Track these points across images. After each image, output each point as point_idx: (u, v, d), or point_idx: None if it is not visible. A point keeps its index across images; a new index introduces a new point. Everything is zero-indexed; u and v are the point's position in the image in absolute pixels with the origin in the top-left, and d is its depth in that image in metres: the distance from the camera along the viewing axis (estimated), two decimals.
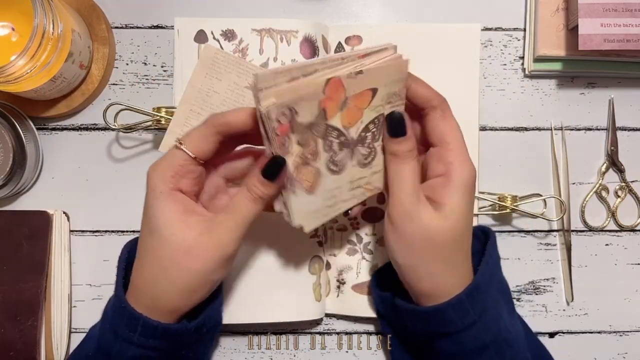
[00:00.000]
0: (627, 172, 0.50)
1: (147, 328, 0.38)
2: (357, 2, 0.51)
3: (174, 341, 0.39)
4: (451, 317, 0.38)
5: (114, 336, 0.38)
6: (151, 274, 0.38)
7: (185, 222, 0.37)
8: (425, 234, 0.37)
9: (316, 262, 0.48)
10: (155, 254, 0.37)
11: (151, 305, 0.38)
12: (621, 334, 0.50)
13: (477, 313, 0.38)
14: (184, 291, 0.38)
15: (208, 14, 0.50)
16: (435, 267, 0.38)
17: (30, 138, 0.48)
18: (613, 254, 0.51)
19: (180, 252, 0.36)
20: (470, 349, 0.38)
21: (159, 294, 0.38)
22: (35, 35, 0.40)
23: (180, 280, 0.37)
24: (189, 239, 0.36)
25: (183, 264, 0.37)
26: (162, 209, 0.37)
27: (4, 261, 0.47)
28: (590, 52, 0.47)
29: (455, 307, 0.38)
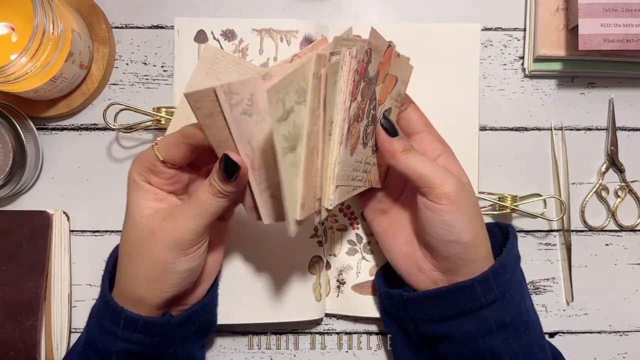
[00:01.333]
0: (627, 172, 0.50)
1: (129, 321, 0.38)
2: (357, 2, 0.51)
3: (157, 335, 0.39)
4: (477, 292, 0.38)
5: (100, 330, 0.39)
6: (122, 261, 0.39)
7: (153, 208, 0.38)
8: (472, 198, 0.39)
9: (316, 262, 0.48)
10: (127, 239, 0.39)
11: (127, 297, 0.39)
12: (621, 334, 0.50)
13: (500, 291, 0.39)
14: (147, 280, 0.38)
15: (208, 14, 0.50)
16: (483, 229, 0.40)
17: (30, 138, 0.48)
18: (613, 254, 0.51)
19: (145, 236, 0.38)
20: (489, 328, 0.39)
21: (128, 283, 0.39)
22: (35, 35, 0.40)
23: (143, 266, 0.38)
24: (153, 223, 0.38)
25: (145, 248, 0.38)
26: (134, 195, 0.39)
27: (4, 261, 0.47)
28: (590, 52, 0.47)
29: (481, 283, 0.38)
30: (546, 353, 0.41)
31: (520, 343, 0.39)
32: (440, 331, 0.40)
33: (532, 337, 0.40)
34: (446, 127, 0.48)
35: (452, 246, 0.38)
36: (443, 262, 0.40)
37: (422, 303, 0.41)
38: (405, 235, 0.43)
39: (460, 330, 0.39)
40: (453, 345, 0.40)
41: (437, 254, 0.40)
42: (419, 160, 0.38)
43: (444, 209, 0.38)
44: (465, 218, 0.38)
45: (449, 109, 0.48)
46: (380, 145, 0.39)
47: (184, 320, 0.41)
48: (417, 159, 0.38)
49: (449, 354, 0.41)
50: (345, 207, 0.49)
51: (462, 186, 0.38)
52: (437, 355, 0.42)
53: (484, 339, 0.39)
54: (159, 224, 0.37)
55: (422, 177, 0.38)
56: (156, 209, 0.38)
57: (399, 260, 0.43)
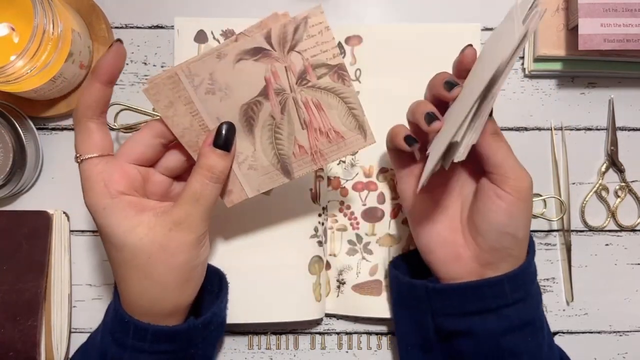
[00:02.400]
0: (627, 172, 0.50)
1: (157, 335, 0.38)
2: (357, 2, 0.51)
3: (183, 341, 0.39)
4: (505, 290, 0.38)
5: (120, 349, 0.38)
6: (138, 285, 0.37)
7: (143, 223, 0.36)
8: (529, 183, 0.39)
9: (316, 262, 0.48)
10: (133, 265, 0.37)
11: (151, 314, 0.38)
12: (621, 334, 0.50)
13: (525, 291, 0.39)
14: (176, 287, 0.38)
15: (208, 14, 0.50)
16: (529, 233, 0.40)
17: (30, 138, 0.48)
18: (613, 254, 0.51)
19: (156, 254, 0.36)
20: (511, 326, 0.39)
21: (154, 300, 0.38)
22: (35, 35, 0.40)
23: (168, 279, 0.37)
24: (159, 238, 0.36)
25: (164, 263, 0.37)
26: (115, 223, 0.36)
27: (3, 261, 0.47)
28: (590, 52, 0.47)
29: (510, 280, 0.38)
30: (555, 353, 0.42)
31: (536, 342, 0.39)
32: (461, 326, 0.40)
33: (546, 337, 0.41)
34: None
35: (506, 239, 0.38)
36: (487, 254, 0.39)
37: (448, 295, 0.40)
38: (448, 220, 0.42)
39: (482, 327, 0.39)
40: (472, 342, 0.40)
41: (486, 244, 0.39)
42: (505, 147, 0.38)
43: (514, 201, 0.37)
44: (527, 216, 0.39)
45: None
46: None
47: (207, 322, 0.41)
48: (504, 146, 0.38)
49: (467, 350, 0.40)
50: (345, 207, 0.49)
51: (532, 186, 0.39)
52: (452, 352, 0.42)
53: (505, 336, 0.39)
54: (167, 236, 0.36)
55: (504, 164, 0.38)
56: (147, 223, 0.36)
57: (437, 245, 0.41)
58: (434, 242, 0.42)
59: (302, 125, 0.39)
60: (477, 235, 0.40)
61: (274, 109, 0.38)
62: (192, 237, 0.37)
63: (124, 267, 0.37)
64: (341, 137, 0.39)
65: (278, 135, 0.39)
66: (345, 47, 0.49)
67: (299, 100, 0.38)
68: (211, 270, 0.45)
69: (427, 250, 0.42)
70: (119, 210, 0.36)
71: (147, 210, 0.37)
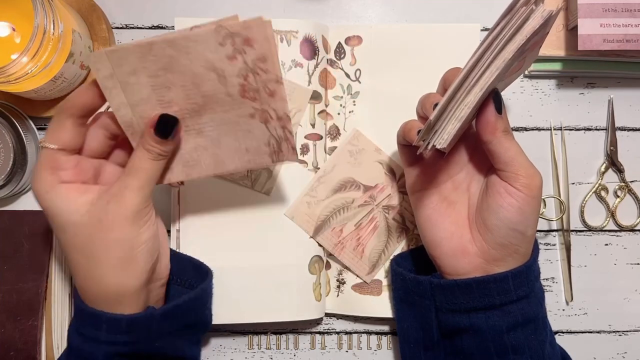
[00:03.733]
0: (627, 172, 0.50)
1: (111, 323, 0.38)
2: (357, 2, 0.51)
3: (142, 331, 0.39)
4: (509, 286, 0.39)
5: (81, 339, 0.38)
6: (83, 267, 0.38)
7: (86, 202, 0.37)
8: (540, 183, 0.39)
9: (316, 262, 0.48)
10: (76, 245, 0.38)
11: (101, 298, 0.38)
12: (620, 334, 0.50)
13: (530, 287, 0.39)
14: (117, 266, 0.38)
15: (208, 14, 0.50)
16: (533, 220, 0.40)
17: (31, 138, 0.48)
18: (612, 253, 0.51)
19: (95, 229, 0.37)
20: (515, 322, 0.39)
21: (97, 282, 0.38)
22: (35, 36, 0.40)
23: (107, 256, 0.37)
24: (98, 212, 0.37)
25: (101, 240, 0.37)
26: (58, 204, 0.37)
27: (4, 261, 0.48)
28: (589, 52, 0.47)
29: (515, 277, 0.39)
30: (557, 351, 0.42)
31: (539, 339, 0.40)
32: (465, 323, 0.40)
33: (549, 335, 0.41)
34: None
35: (514, 235, 0.38)
36: (494, 250, 0.39)
37: (452, 291, 0.40)
38: (455, 215, 0.42)
39: (486, 323, 0.39)
40: (476, 338, 0.40)
41: (494, 240, 0.39)
42: (515, 145, 0.38)
43: (524, 199, 0.38)
44: (536, 214, 0.39)
45: None
46: (485, 118, 0.38)
47: (167, 313, 0.40)
48: (515, 144, 0.38)
49: (470, 347, 0.40)
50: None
51: (542, 184, 0.39)
52: (454, 349, 0.42)
53: (509, 333, 0.39)
54: (104, 209, 0.37)
55: (515, 162, 0.38)
56: (89, 201, 0.37)
57: (444, 239, 0.41)
58: (440, 236, 0.42)
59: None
60: (485, 232, 0.40)
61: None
62: (127, 211, 0.37)
63: (70, 249, 0.38)
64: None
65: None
66: (345, 47, 0.49)
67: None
68: (184, 261, 0.45)
69: (434, 245, 0.42)
70: (63, 194, 0.37)
71: (92, 191, 0.38)
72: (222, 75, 0.37)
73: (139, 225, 0.38)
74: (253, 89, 0.37)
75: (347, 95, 0.49)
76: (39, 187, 0.38)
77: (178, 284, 0.45)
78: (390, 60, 0.49)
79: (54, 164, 0.38)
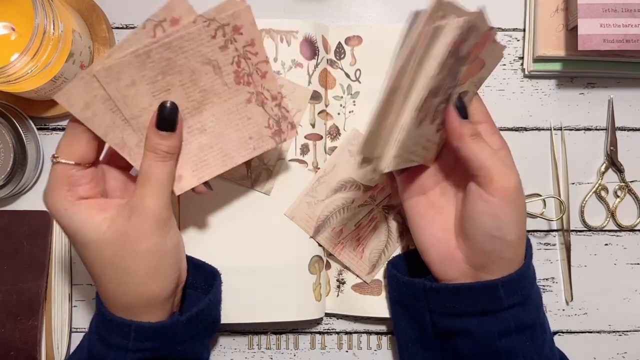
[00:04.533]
0: (627, 172, 0.51)
1: (140, 332, 0.38)
2: (357, 2, 0.51)
3: (168, 337, 0.39)
4: (500, 294, 0.38)
5: (105, 346, 0.38)
6: (111, 280, 0.38)
7: (106, 219, 0.37)
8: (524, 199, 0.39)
9: (316, 262, 0.48)
10: (101, 260, 0.37)
11: (130, 309, 0.38)
12: (620, 334, 0.50)
13: (524, 294, 0.39)
14: (146, 276, 0.38)
15: None
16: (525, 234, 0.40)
17: (31, 138, 0.48)
18: (612, 253, 0.51)
19: (120, 243, 0.36)
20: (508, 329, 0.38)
21: (128, 293, 0.38)
22: (35, 36, 0.40)
23: (137, 268, 0.37)
24: (120, 227, 0.37)
25: (129, 252, 0.37)
26: (77, 222, 0.36)
27: (4, 261, 0.48)
28: (589, 53, 0.47)
29: (505, 285, 0.38)
30: (555, 355, 0.42)
31: (535, 345, 0.39)
32: (457, 326, 0.40)
33: (546, 340, 0.40)
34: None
35: (494, 242, 0.38)
36: (478, 256, 0.39)
37: (444, 295, 0.40)
38: (443, 221, 0.41)
39: (478, 328, 0.39)
40: (469, 342, 0.40)
41: (475, 247, 0.39)
42: (484, 148, 0.37)
43: (499, 203, 0.37)
44: (516, 217, 0.38)
45: None
46: (449, 125, 0.38)
47: (192, 318, 0.41)
48: (484, 147, 0.37)
49: (464, 350, 0.40)
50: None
51: (519, 185, 0.38)
52: (449, 350, 0.42)
53: (502, 339, 0.38)
54: (127, 223, 0.36)
55: (485, 167, 0.37)
56: (109, 217, 0.37)
57: (432, 245, 0.42)
58: (428, 242, 0.42)
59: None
60: (466, 238, 0.40)
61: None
62: (150, 222, 0.37)
63: (94, 264, 0.38)
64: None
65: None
66: (345, 47, 0.49)
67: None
68: (197, 265, 0.45)
69: (423, 251, 0.42)
70: (83, 211, 0.37)
71: (111, 207, 0.38)
72: (217, 66, 0.38)
73: (164, 234, 0.38)
74: (246, 73, 0.39)
75: (347, 95, 0.49)
76: (57, 205, 0.37)
77: (189, 286, 0.45)
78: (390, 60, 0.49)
79: (70, 180, 0.37)
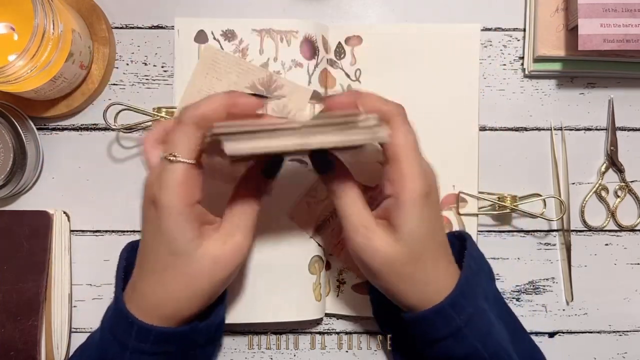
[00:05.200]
0: (627, 172, 0.50)
1: (159, 336, 0.38)
2: (357, 2, 0.51)
3: (186, 342, 0.39)
4: (435, 324, 0.38)
5: (121, 347, 0.38)
6: (173, 292, 0.37)
7: (206, 236, 0.37)
8: (383, 260, 0.37)
9: (316, 262, 0.48)
10: (182, 273, 0.37)
11: (162, 317, 0.38)
12: (621, 334, 0.50)
13: (463, 319, 0.38)
14: (210, 298, 0.39)
15: (208, 14, 0.50)
16: (404, 286, 0.38)
17: (31, 138, 0.48)
18: (613, 253, 0.51)
19: (208, 265, 0.36)
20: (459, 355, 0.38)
21: (179, 308, 0.38)
22: (35, 35, 0.40)
23: (210, 291, 0.38)
24: (215, 251, 0.37)
25: (211, 275, 0.37)
26: (182, 229, 0.35)
27: (4, 261, 0.48)
28: (589, 53, 0.47)
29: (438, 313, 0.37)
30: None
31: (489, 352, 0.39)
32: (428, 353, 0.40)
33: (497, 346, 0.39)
34: (446, 127, 0.48)
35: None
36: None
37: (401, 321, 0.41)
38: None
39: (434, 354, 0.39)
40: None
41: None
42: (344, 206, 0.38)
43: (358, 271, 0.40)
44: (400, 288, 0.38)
45: (449, 109, 0.49)
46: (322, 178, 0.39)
47: (210, 324, 0.41)
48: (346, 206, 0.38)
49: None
50: None
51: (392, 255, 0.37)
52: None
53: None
54: (220, 249, 0.37)
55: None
56: (208, 236, 0.37)
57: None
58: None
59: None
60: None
61: None
62: (241, 253, 0.38)
63: (168, 272, 0.37)
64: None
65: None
66: (345, 47, 0.49)
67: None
68: None
69: None
70: (191, 219, 0.36)
71: (208, 224, 0.38)
72: None
73: (238, 268, 0.39)
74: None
75: None
76: (172, 205, 0.35)
77: None
78: (390, 60, 0.49)
79: (190, 181, 0.35)
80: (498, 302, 0.44)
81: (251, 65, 0.47)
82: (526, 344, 0.44)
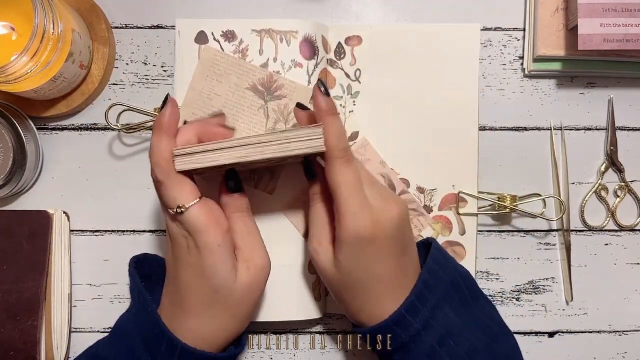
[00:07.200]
0: (627, 172, 0.50)
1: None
2: (357, 2, 0.51)
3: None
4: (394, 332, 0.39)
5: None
6: (217, 321, 0.39)
7: (234, 265, 0.39)
8: (325, 277, 0.41)
9: None
10: (224, 304, 0.38)
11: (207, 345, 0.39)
12: (621, 334, 0.50)
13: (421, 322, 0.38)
14: (247, 320, 0.41)
15: (208, 15, 0.50)
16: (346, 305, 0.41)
17: (31, 138, 0.48)
18: (613, 253, 0.51)
19: (246, 292, 0.39)
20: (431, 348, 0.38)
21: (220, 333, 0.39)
22: (35, 35, 0.40)
23: (250, 313, 0.40)
24: (246, 279, 0.39)
25: (250, 300, 0.40)
26: (222, 264, 0.37)
27: (4, 261, 0.48)
28: (589, 52, 0.47)
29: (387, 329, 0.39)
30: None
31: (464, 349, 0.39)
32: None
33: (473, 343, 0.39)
34: (446, 127, 0.48)
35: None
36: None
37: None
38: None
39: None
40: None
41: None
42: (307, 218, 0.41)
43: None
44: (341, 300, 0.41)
45: (449, 108, 0.49)
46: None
47: (242, 350, 0.42)
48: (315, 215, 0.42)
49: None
50: None
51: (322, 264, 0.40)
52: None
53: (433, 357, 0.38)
54: (249, 273, 0.39)
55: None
56: (235, 266, 0.39)
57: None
58: None
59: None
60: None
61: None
62: (266, 271, 0.40)
63: (214, 307, 0.38)
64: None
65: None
66: (345, 47, 0.49)
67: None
68: None
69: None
70: (228, 249, 0.38)
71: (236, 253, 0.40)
72: None
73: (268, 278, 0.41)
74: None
75: (347, 95, 0.49)
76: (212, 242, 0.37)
77: None
78: (390, 60, 0.49)
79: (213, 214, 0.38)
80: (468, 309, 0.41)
81: (251, 65, 0.47)
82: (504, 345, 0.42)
